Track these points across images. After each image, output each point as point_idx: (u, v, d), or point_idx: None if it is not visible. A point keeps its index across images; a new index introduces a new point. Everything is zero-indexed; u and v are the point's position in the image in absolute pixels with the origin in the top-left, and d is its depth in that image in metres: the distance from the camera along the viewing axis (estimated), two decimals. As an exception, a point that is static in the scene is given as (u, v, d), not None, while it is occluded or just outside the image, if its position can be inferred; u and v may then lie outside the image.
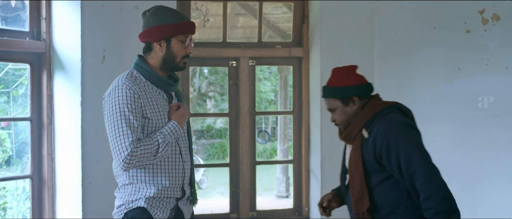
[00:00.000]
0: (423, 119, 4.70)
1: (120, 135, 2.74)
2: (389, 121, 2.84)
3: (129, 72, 2.92)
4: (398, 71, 4.81)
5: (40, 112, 4.18)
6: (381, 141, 2.79)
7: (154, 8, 2.94)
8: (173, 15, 2.92)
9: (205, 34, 8.23)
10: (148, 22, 2.92)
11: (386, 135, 2.78)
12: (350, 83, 2.98)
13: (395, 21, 4.82)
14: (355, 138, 2.93)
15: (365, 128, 2.90)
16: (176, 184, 2.94)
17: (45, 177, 4.18)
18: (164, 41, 2.92)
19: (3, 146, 4.78)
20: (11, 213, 4.51)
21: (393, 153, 2.76)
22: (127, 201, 2.89)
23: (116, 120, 2.77)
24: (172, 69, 2.99)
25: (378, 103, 2.96)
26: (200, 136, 17.39)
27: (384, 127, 2.81)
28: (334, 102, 2.99)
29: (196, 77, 15.68)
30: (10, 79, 4.63)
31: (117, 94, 2.81)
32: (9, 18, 4.28)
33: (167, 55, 2.94)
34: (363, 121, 2.91)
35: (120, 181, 2.95)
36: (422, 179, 2.74)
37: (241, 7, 8.41)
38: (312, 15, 4.96)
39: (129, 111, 2.77)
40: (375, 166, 2.84)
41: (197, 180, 12.45)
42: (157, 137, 2.81)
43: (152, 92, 2.92)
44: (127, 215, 2.89)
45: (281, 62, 5.20)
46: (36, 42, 4.12)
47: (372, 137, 2.84)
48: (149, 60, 2.97)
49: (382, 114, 2.90)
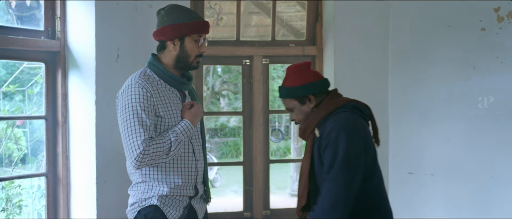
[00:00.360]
0: (437, 118, 4.70)
1: (133, 133, 2.75)
2: (338, 121, 2.80)
3: (142, 71, 2.93)
4: (412, 69, 4.78)
5: (55, 110, 4.20)
6: (325, 138, 2.78)
7: (169, 6, 2.95)
8: (188, 14, 2.93)
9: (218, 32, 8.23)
10: (162, 20, 2.93)
11: (330, 133, 2.76)
12: (304, 82, 2.92)
13: (409, 19, 4.79)
14: (309, 137, 2.92)
15: (317, 127, 2.87)
16: (189, 183, 2.94)
17: (60, 175, 4.21)
18: (178, 40, 2.93)
19: (19, 144, 4.81)
20: (26, 211, 4.54)
21: (328, 151, 2.75)
22: (140, 199, 2.90)
23: (128, 118, 2.78)
24: (185, 68, 2.99)
25: (333, 102, 2.91)
26: (213, 134, 17.41)
27: (331, 126, 2.78)
28: (291, 102, 2.96)
29: (209, 76, 15.69)
30: (25, 78, 4.66)
31: (130, 93, 2.82)
32: (24, 17, 4.30)
33: (181, 54, 2.94)
34: (316, 120, 2.89)
35: (134, 179, 2.96)
36: (329, 183, 2.72)
37: (255, 5, 8.40)
38: (325, 14, 4.95)
39: (142, 109, 2.78)
40: (319, 167, 2.84)
41: (211, 179, 12.47)
42: (170, 136, 2.82)
43: (165, 91, 2.92)
44: (140, 213, 2.90)
45: (294, 60, 5.18)
46: (51, 41, 4.14)
47: (321, 135, 2.82)
48: (162, 58, 2.98)
49: (335, 113, 2.85)
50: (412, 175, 4.78)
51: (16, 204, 4.46)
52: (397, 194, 4.82)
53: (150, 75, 2.93)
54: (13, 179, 4.40)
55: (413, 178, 4.77)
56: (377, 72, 4.86)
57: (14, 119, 4.54)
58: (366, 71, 4.84)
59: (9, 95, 4.86)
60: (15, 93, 4.77)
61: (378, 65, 4.86)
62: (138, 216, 2.90)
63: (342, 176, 2.71)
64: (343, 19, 4.82)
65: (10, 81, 4.58)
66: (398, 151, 4.82)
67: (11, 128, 4.54)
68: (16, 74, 4.60)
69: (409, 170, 4.79)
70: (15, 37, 3.92)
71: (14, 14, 4.26)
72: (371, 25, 4.85)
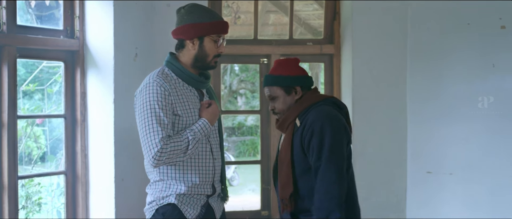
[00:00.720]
0: (456, 117, 4.66)
1: (151, 132, 2.76)
2: (321, 112, 2.91)
3: (160, 70, 2.94)
4: (431, 68, 4.75)
5: (74, 109, 4.23)
6: (308, 128, 2.87)
7: (189, 5, 2.95)
8: (208, 13, 2.93)
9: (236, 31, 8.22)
10: (182, 19, 2.93)
11: (313, 123, 2.86)
12: (294, 73, 3.02)
13: (428, 17, 4.76)
14: (288, 127, 2.99)
15: (298, 117, 2.97)
16: (207, 181, 2.94)
17: (79, 173, 4.24)
18: (197, 40, 2.93)
19: (38, 143, 4.85)
20: (45, 209, 4.58)
21: (313, 140, 2.84)
22: (158, 197, 2.91)
23: (146, 116, 2.79)
24: (203, 67, 2.99)
25: (314, 96, 3.02)
26: (231, 133, 17.43)
27: (314, 117, 2.89)
28: (277, 90, 3.02)
29: (227, 75, 15.70)
30: (44, 77, 4.70)
31: (148, 92, 2.83)
32: (43, 16, 4.34)
33: (199, 54, 2.94)
34: (297, 111, 2.98)
35: (152, 177, 2.97)
36: (320, 174, 2.83)
37: (272, 4, 8.38)
38: (343, 12, 4.93)
39: (160, 108, 2.79)
40: (301, 155, 2.92)
41: (228, 177, 12.48)
42: (187, 134, 2.82)
43: (183, 90, 2.93)
44: (158, 211, 2.91)
45: (312, 59, 5.18)
46: (70, 40, 4.17)
47: (302, 125, 2.92)
48: (180, 57, 2.98)
49: (317, 106, 2.96)
50: (431, 174, 4.74)
51: (35, 201, 4.50)
52: (415, 193, 4.79)
53: (168, 74, 2.93)
54: (32, 177, 4.44)
55: (432, 177, 4.74)
56: (395, 71, 4.84)
57: (33, 118, 4.57)
58: (384, 70, 4.82)
59: (28, 94, 4.90)
60: (34, 92, 4.81)
61: (396, 64, 4.83)
62: (156, 215, 2.91)
63: (332, 162, 2.83)
64: (361, 18, 4.80)
65: (29, 80, 4.62)
66: (416, 150, 4.79)
67: (31, 127, 4.58)
68: (35, 73, 4.64)
69: (428, 169, 4.76)
70: (35, 36, 3.95)
71: (34, 14, 4.30)
72: (389, 24, 4.82)
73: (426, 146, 4.76)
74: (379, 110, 4.82)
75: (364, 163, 4.79)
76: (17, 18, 3.83)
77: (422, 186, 4.77)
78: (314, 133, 2.85)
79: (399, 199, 4.84)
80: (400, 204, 4.84)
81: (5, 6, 3.74)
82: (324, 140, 2.83)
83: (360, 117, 4.78)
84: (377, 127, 4.82)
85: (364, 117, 4.79)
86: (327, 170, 2.82)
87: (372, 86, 4.81)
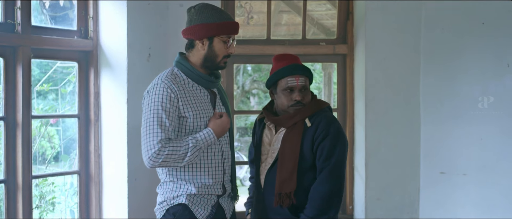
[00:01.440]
0: (470, 117, 4.62)
1: (150, 133, 2.77)
2: (333, 119, 3.08)
3: (169, 70, 2.94)
4: (445, 68, 4.72)
5: (88, 109, 4.25)
6: (322, 130, 2.99)
7: (199, 5, 2.95)
8: (218, 14, 2.92)
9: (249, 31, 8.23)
10: (192, 19, 2.93)
11: (328, 126, 3.00)
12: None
13: (442, 17, 4.73)
14: (296, 125, 3.05)
15: (309, 117, 3.06)
16: (217, 181, 2.94)
17: (92, 173, 4.25)
18: (206, 40, 2.92)
19: (52, 142, 4.88)
20: (59, 208, 4.60)
21: (326, 142, 2.97)
22: (169, 197, 2.91)
23: (149, 117, 2.80)
24: (212, 68, 2.98)
25: (321, 101, 3.16)
26: (243, 133, 17.43)
27: (328, 121, 3.03)
28: (307, 83, 3.13)
29: (239, 75, 15.71)
30: (58, 77, 4.73)
31: (155, 93, 2.83)
32: (57, 17, 4.37)
33: (209, 54, 2.94)
34: (309, 111, 3.07)
35: (162, 178, 2.97)
36: (325, 174, 2.95)
37: (285, 4, 8.38)
38: (356, 12, 4.91)
39: (163, 110, 2.79)
40: (308, 154, 3.01)
41: (240, 177, 12.48)
42: (189, 141, 2.81)
43: (193, 90, 2.92)
44: (169, 212, 2.91)
45: (325, 59, 5.17)
46: (83, 41, 4.19)
47: (314, 126, 3.02)
48: (190, 57, 2.98)
49: (324, 111, 3.09)
50: (444, 175, 4.72)
51: (49, 201, 4.52)
52: (428, 193, 4.77)
53: (178, 74, 2.93)
54: (46, 176, 4.46)
55: (445, 177, 4.71)
56: (409, 71, 4.81)
57: (47, 117, 4.60)
58: (397, 70, 4.80)
59: (43, 94, 4.93)
60: (48, 92, 4.84)
61: (410, 64, 4.81)
62: (166, 215, 2.91)
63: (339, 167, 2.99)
64: (374, 18, 4.78)
65: (43, 80, 4.65)
66: (430, 150, 4.76)
67: (45, 126, 4.61)
68: (49, 74, 4.67)
69: (441, 170, 4.73)
70: (49, 37, 3.97)
71: (48, 14, 4.33)
72: (402, 24, 4.80)
73: (439, 146, 4.74)
74: (392, 110, 4.80)
75: (377, 163, 4.77)
76: (31, 19, 3.85)
77: (435, 187, 4.74)
78: (329, 134, 2.98)
79: (412, 199, 4.82)
80: (414, 204, 4.82)
81: (20, 7, 3.76)
82: (337, 145, 2.98)
83: (373, 117, 4.77)
84: (390, 127, 4.80)
85: (377, 117, 4.77)
86: (333, 173, 2.96)
87: (385, 87, 4.79)
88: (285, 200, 2.97)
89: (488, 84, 4.57)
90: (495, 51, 4.55)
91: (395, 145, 4.80)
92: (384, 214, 4.80)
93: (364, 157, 4.79)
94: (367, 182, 4.78)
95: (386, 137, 4.79)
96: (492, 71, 4.56)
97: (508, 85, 4.50)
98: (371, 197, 4.78)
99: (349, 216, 4.96)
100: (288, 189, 2.97)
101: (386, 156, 4.79)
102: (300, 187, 2.99)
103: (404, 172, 4.82)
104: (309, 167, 3.01)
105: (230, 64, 4.89)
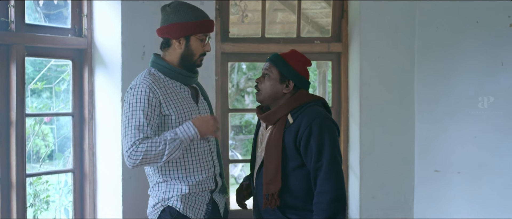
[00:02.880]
0: (464, 115, 4.63)
1: (128, 134, 2.77)
2: (316, 113, 2.91)
3: (146, 71, 2.92)
4: (439, 66, 4.73)
5: (82, 107, 4.24)
6: (304, 128, 2.86)
7: (175, 4, 2.92)
8: (194, 13, 2.90)
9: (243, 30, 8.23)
10: (168, 18, 2.91)
11: (310, 124, 2.86)
12: (299, 70, 3.01)
13: (436, 15, 4.74)
14: (278, 121, 2.96)
15: (291, 113, 2.94)
16: (209, 176, 2.94)
17: (87, 171, 4.25)
18: (183, 39, 2.91)
19: (46, 141, 4.86)
20: (53, 206, 4.59)
21: (312, 142, 2.84)
22: (163, 198, 2.90)
23: (127, 118, 2.80)
24: (189, 66, 2.96)
25: (307, 95, 3.01)
26: (238, 131, 17.44)
27: (310, 117, 2.88)
28: (275, 72, 2.99)
29: (234, 73, 15.72)
30: (52, 75, 4.71)
31: (133, 94, 2.82)
32: (51, 15, 4.35)
33: (186, 53, 2.93)
34: (290, 107, 2.95)
35: (153, 179, 2.96)
36: (323, 174, 2.83)
37: (280, 2, 8.38)
38: (351, 10, 4.91)
39: (141, 110, 2.78)
40: (293, 152, 2.90)
41: (236, 175, 12.50)
42: (167, 135, 2.79)
43: (173, 88, 2.90)
44: (165, 211, 2.90)
45: (319, 57, 5.17)
46: (77, 39, 4.19)
47: (296, 123, 2.90)
48: (166, 56, 2.96)
49: (309, 105, 2.95)
50: (439, 173, 4.73)
51: (43, 199, 4.51)
52: (423, 191, 4.78)
53: (155, 74, 2.92)
54: (40, 175, 4.45)
55: (440, 176, 4.73)
56: (403, 70, 4.82)
57: (41, 116, 4.59)
58: (392, 69, 4.81)
59: (37, 92, 4.92)
60: (42, 90, 4.82)
61: (404, 62, 4.82)
62: (163, 215, 2.90)
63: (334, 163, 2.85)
64: (369, 16, 4.78)
65: (37, 79, 4.64)
66: (424, 149, 4.77)
67: (39, 125, 4.59)
68: (43, 72, 4.66)
69: (436, 168, 4.74)
70: (43, 35, 3.96)
71: (42, 12, 4.31)
72: (397, 22, 4.81)
73: (434, 144, 4.75)
74: (386, 109, 4.81)
75: (372, 161, 4.78)
76: (25, 17, 3.84)
77: (429, 185, 4.75)
78: (312, 133, 2.84)
79: (407, 197, 4.83)
80: (408, 203, 4.83)
81: (14, 5, 3.75)
82: (324, 141, 2.84)
83: (367, 115, 4.77)
84: (385, 125, 4.81)
85: (371, 116, 4.78)
86: (330, 171, 2.83)
87: (379, 85, 4.79)
88: (272, 201, 2.93)
89: (483, 82, 4.58)
90: (489, 50, 4.56)
91: (389, 143, 4.81)
92: (379, 212, 4.81)
93: (358, 155, 4.79)
94: (362, 180, 4.79)
95: (381, 135, 4.80)
96: (487, 69, 4.57)
97: (503, 84, 4.52)
98: (365, 195, 4.79)
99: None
100: (273, 190, 2.92)
101: (380, 155, 4.80)
102: (286, 187, 2.92)
103: (398, 170, 4.83)
104: (297, 166, 2.91)
105: (225, 63, 4.89)
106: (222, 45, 4.79)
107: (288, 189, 2.92)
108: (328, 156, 2.83)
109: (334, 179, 2.82)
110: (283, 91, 2.97)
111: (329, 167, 2.83)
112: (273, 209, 2.93)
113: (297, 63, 3.01)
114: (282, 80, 2.97)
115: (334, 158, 2.84)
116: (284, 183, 2.92)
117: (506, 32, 4.50)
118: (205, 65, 3.13)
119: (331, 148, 2.84)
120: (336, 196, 2.81)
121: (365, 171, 4.80)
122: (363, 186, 4.78)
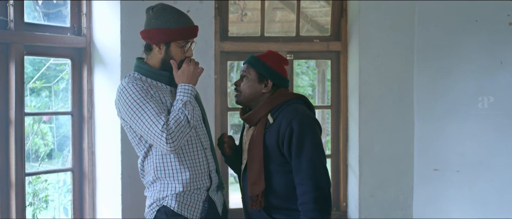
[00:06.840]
0: (463, 114, 4.64)
1: (152, 124, 2.71)
2: (296, 111, 2.89)
3: (130, 75, 2.90)
4: (438, 65, 4.73)
5: (81, 106, 4.24)
6: (285, 127, 2.84)
7: (157, 7, 2.88)
8: (175, 18, 2.86)
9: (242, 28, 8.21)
10: (149, 22, 2.88)
11: (290, 122, 2.84)
12: (276, 69, 3.00)
13: (436, 14, 4.74)
14: (259, 121, 2.95)
15: (270, 113, 2.94)
16: (203, 173, 2.91)
17: (86, 170, 4.25)
18: (163, 45, 2.88)
19: (45, 140, 4.86)
20: (52, 205, 4.59)
21: (293, 140, 2.82)
22: (158, 198, 2.88)
23: (137, 115, 2.74)
24: (170, 71, 2.93)
25: (287, 93, 3.00)
26: (237, 130, 17.42)
27: (290, 115, 2.87)
28: (252, 73, 2.99)
29: (233, 72, 15.71)
30: (51, 74, 4.71)
31: (128, 93, 2.78)
32: (51, 14, 4.35)
33: (166, 58, 2.89)
34: (270, 106, 2.95)
35: (148, 180, 2.94)
36: (304, 173, 2.81)
37: (279, 1, 8.37)
38: (350, 9, 4.91)
39: (144, 100, 2.74)
40: (276, 153, 2.88)
41: (234, 175, 12.48)
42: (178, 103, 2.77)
43: (158, 89, 2.87)
44: (161, 211, 2.88)
45: (319, 56, 5.17)
46: (77, 38, 4.18)
47: (277, 123, 2.89)
48: (148, 60, 2.94)
49: (289, 103, 2.94)
50: (438, 172, 4.73)
51: (42, 198, 4.51)
52: (422, 190, 4.78)
53: (138, 77, 2.89)
54: (39, 174, 4.45)
55: (439, 174, 4.73)
56: (402, 68, 4.82)
57: (40, 115, 4.59)
58: (391, 67, 4.81)
59: (36, 92, 4.91)
60: (41, 89, 4.82)
61: (403, 61, 4.82)
62: (158, 215, 2.88)
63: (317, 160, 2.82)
64: (368, 15, 4.78)
65: (37, 78, 4.63)
66: (423, 147, 4.78)
67: (38, 124, 4.59)
68: (42, 71, 4.65)
69: (435, 167, 4.74)
70: (42, 33, 3.96)
71: (41, 11, 4.31)
72: (396, 21, 4.81)
73: (433, 143, 4.75)
74: (386, 107, 4.81)
75: (371, 160, 4.78)
76: (24, 16, 3.84)
77: (429, 184, 4.76)
78: (293, 131, 2.82)
79: (406, 196, 4.83)
80: (407, 201, 4.83)
81: (13, 4, 3.75)
82: (305, 138, 2.82)
83: (366, 114, 4.78)
84: (384, 124, 4.81)
85: (370, 114, 4.78)
86: (310, 170, 2.80)
87: (379, 84, 4.80)
88: (257, 201, 2.92)
89: (482, 81, 4.58)
90: (488, 49, 4.56)
91: (389, 142, 4.81)
92: (378, 211, 4.81)
93: (358, 154, 4.79)
94: (361, 179, 4.79)
95: (380, 134, 4.80)
96: (486, 68, 4.57)
97: (502, 83, 4.52)
98: (365, 194, 4.79)
99: (343, 213, 4.97)
100: (257, 191, 2.91)
101: (380, 153, 4.80)
102: (270, 187, 2.90)
103: (398, 169, 4.83)
104: (280, 165, 2.89)
105: (224, 61, 4.89)
106: (221, 44, 4.79)
107: (272, 189, 2.91)
108: (309, 155, 2.81)
109: (315, 178, 2.80)
110: (262, 91, 2.98)
111: (309, 166, 2.81)
112: (259, 210, 2.92)
113: (274, 62, 3.00)
114: (260, 80, 2.98)
115: (315, 156, 2.82)
116: (268, 184, 2.91)
117: (505, 31, 4.50)
118: (204, 64, 3.13)
119: (312, 145, 2.82)
120: (319, 194, 2.79)
121: (364, 170, 4.80)
122: (362, 185, 4.78)
